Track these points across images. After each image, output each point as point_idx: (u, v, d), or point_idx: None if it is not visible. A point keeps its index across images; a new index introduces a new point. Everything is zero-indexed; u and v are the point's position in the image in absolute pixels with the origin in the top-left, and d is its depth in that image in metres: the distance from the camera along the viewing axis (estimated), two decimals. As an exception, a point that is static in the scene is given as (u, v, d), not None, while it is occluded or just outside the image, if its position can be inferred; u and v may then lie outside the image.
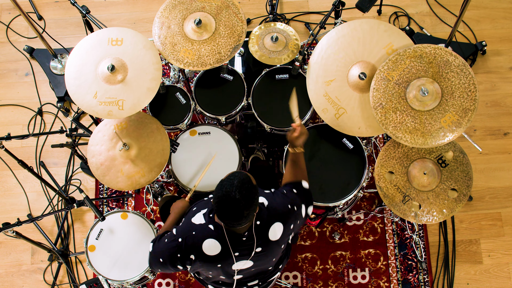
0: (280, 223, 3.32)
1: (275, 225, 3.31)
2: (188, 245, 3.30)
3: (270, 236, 3.30)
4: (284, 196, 3.48)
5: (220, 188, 3.03)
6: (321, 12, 5.77)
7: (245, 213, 2.99)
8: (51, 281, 4.95)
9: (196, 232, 3.30)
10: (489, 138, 5.22)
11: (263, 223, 3.28)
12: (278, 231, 3.32)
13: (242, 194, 2.96)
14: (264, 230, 3.29)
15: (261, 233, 3.28)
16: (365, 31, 4.12)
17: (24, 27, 5.83)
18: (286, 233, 3.36)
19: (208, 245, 3.26)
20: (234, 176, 3.06)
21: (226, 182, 3.03)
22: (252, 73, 4.69)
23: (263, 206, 3.34)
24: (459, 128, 3.68)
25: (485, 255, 4.90)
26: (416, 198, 3.98)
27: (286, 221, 3.34)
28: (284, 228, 3.34)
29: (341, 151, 4.28)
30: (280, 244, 3.40)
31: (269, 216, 3.30)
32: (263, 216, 3.29)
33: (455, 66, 3.75)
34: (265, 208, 3.34)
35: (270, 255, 3.42)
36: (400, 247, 4.93)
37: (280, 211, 3.35)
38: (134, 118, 4.18)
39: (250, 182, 3.04)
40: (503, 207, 5.02)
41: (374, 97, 3.83)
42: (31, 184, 5.25)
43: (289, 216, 3.36)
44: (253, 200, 3.02)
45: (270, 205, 3.36)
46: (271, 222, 3.30)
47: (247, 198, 2.98)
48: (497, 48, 5.52)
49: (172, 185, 5.10)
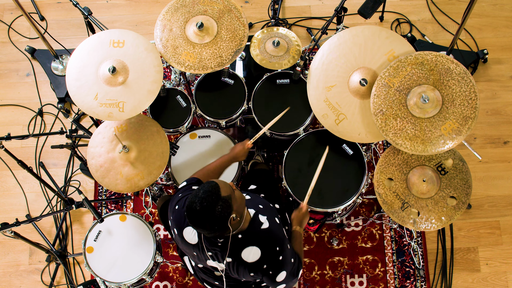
0: (260, 250, 3.22)
1: (254, 248, 3.21)
2: (174, 221, 3.35)
3: (243, 254, 3.21)
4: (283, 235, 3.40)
5: (189, 200, 3.01)
6: (323, 17, 5.77)
7: (208, 226, 2.95)
8: (48, 282, 4.95)
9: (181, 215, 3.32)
10: (489, 146, 5.22)
11: (243, 240, 3.20)
12: (251, 256, 3.21)
13: (202, 206, 2.92)
14: (240, 247, 3.21)
15: (236, 247, 3.20)
16: (366, 37, 4.12)
17: (26, 28, 5.84)
18: (259, 265, 3.23)
19: (188, 232, 3.27)
20: (202, 186, 3.02)
21: (195, 191, 3.02)
22: (253, 78, 4.70)
23: (258, 226, 3.28)
24: (459, 136, 3.68)
25: (483, 264, 4.90)
26: (415, 205, 3.98)
27: (265, 256, 3.23)
28: (260, 259, 3.22)
29: (340, 157, 4.28)
30: (251, 270, 3.26)
31: (255, 237, 3.24)
32: (249, 233, 3.23)
33: (456, 73, 3.75)
34: (260, 229, 3.28)
35: (240, 273, 3.32)
36: (398, 254, 4.92)
37: (269, 243, 3.26)
38: (134, 120, 4.18)
39: (215, 194, 2.97)
40: (502, 216, 5.02)
41: (374, 104, 3.84)
42: (30, 184, 5.26)
43: (270, 255, 3.24)
44: (213, 211, 2.94)
45: (266, 230, 3.29)
46: (252, 243, 3.22)
47: (207, 211, 2.92)
48: (499, 56, 5.52)
49: (171, 188, 5.10)
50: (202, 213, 2.92)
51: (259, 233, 3.26)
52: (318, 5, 5.84)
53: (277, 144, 5.05)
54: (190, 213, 2.96)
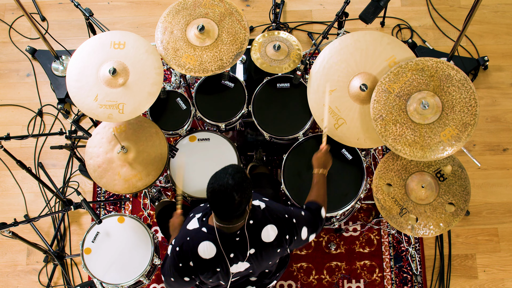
0: (274, 226, 3.30)
1: (269, 226, 3.29)
2: (184, 251, 3.28)
3: (263, 237, 3.28)
4: (283, 206, 3.48)
5: (214, 176, 3.05)
6: (324, 22, 5.77)
7: (237, 199, 2.97)
8: (46, 283, 4.94)
9: (190, 237, 3.29)
10: (488, 153, 5.22)
11: (256, 223, 3.27)
12: (271, 234, 3.30)
13: (235, 180, 2.97)
14: (257, 231, 3.27)
15: (254, 233, 3.26)
16: (368, 43, 4.13)
17: (27, 28, 5.84)
18: (280, 238, 3.32)
19: (203, 249, 3.24)
20: (229, 166, 3.08)
21: (220, 171, 3.06)
22: (253, 81, 4.70)
23: (259, 208, 3.34)
24: (458, 142, 3.68)
25: (480, 270, 4.89)
26: (414, 211, 3.98)
27: (281, 227, 3.32)
28: (279, 232, 3.31)
29: (340, 162, 4.28)
30: (275, 248, 3.35)
31: (263, 217, 3.30)
32: (257, 216, 3.29)
33: (457, 80, 3.75)
34: (261, 210, 3.34)
35: (266, 257, 3.37)
36: (395, 260, 4.92)
37: (276, 216, 3.35)
38: (133, 121, 4.18)
39: (244, 172, 3.05)
40: (500, 223, 5.02)
41: (374, 109, 3.84)
42: (29, 185, 5.25)
43: (284, 224, 3.34)
44: (246, 189, 3.01)
45: (266, 208, 3.36)
46: (265, 223, 3.29)
47: (240, 184, 2.98)
48: (499, 63, 5.52)
49: (169, 190, 5.09)
50: (235, 186, 2.96)
51: (263, 212, 3.33)
52: (319, 9, 5.84)
53: (276, 148, 5.04)
54: (220, 189, 2.98)
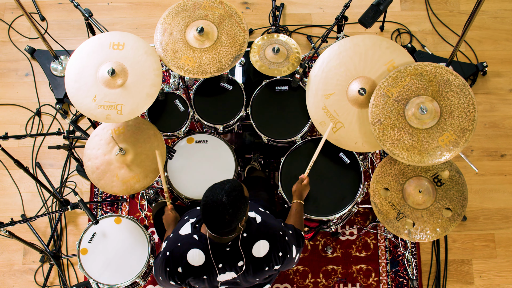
0: (267, 242, 3.29)
1: (261, 242, 3.28)
2: (174, 257, 3.29)
3: (253, 251, 3.27)
4: (279, 223, 3.49)
5: (210, 189, 3.05)
6: (323, 25, 5.78)
7: (227, 219, 2.96)
8: (42, 282, 4.94)
9: (181, 243, 3.30)
10: (485, 159, 5.23)
11: (249, 237, 3.25)
12: (262, 249, 3.29)
13: (229, 199, 2.96)
14: (249, 244, 3.26)
15: (245, 246, 3.25)
16: (367, 47, 4.13)
17: (26, 27, 5.84)
18: (270, 255, 3.31)
19: (193, 255, 3.24)
20: (227, 181, 3.07)
21: (217, 185, 3.05)
22: (252, 84, 4.69)
23: (254, 221, 3.34)
24: (456, 147, 3.69)
25: (476, 276, 4.90)
26: (410, 215, 3.98)
27: (273, 243, 3.31)
28: (270, 249, 3.30)
29: (337, 165, 4.27)
30: (264, 266, 3.33)
31: (257, 232, 3.29)
32: (251, 230, 3.28)
33: (455, 85, 3.75)
34: (256, 223, 3.33)
35: (253, 272, 3.35)
36: (392, 264, 4.92)
37: (270, 231, 3.35)
38: (131, 123, 4.18)
39: (241, 191, 3.04)
40: (497, 229, 5.02)
41: (372, 113, 3.84)
42: (26, 184, 5.25)
43: (278, 241, 3.34)
44: (239, 209, 3.00)
45: (262, 223, 3.36)
46: (258, 238, 3.28)
47: (234, 204, 2.97)
48: (498, 69, 5.53)
49: (167, 192, 5.08)
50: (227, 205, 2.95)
51: (259, 227, 3.33)
52: (319, 13, 5.84)
53: (274, 151, 5.04)
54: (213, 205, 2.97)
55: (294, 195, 3.96)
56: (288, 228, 3.51)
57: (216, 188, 3.02)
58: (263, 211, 3.52)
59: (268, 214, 3.55)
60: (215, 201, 2.96)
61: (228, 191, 2.98)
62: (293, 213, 3.84)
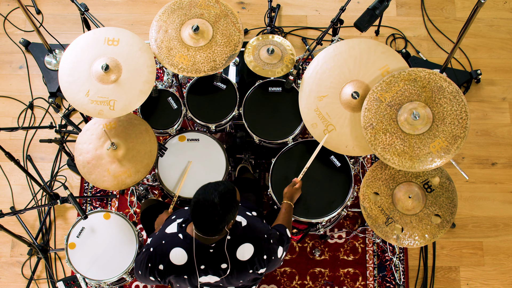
0: (251, 245, 3.29)
1: (245, 245, 3.28)
2: (157, 254, 3.29)
3: (238, 254, 3.27)
4: (265, 226, 3.51)
5: (203, 188, 3.06)
6: (319, 28, 5.78)
7: (216, 219, 2.98)
8: (29, 275, 4.93)
9: (165, 241, 3.30)
10: (476, 167, 5.23)
11: (233, 239, 3.25)
12: (246, 253, 3.29)
13: (221, 200, 2.97)
14: (233, 247, 3.26)
15: (229, 249, 3.25)
16: (362, 51, 4.13)
17: (21, 20, 5.82)
18: (254, 259, 3.31)
19: (175, 254, 3.25)
20: (222, 182, 3.08)
21: (211, 184, 3.06)
22: (246, 84, 4.69)
23: (240, 224, 3.34)
24: (447, 154, 3.69)
25: (463, 283, 4.90)
26: (399, 221, 3.99)
27: (258, 247, 3.32)
28: (255, 252, 3.30)
29: (328, 168, 4.28)
30: (248, 269, 3.33)
31: (242, 235, 3.29)
32: (236, 233, 3.27)
33: (449, 92, 3.76)
34: (241, 227, 3.33)
35: (236, 275, 3.34)
36: (379, 269, 4.93)
37: (255, 235, 3.35)
38: (123, 118, 4.18)
39: (234, 194, 3.05)
40: (485, 237, 5.03)
41: (365, 117, 3.84)
42: (16, 177, 5.24)
43: (263, 244, 3.34)
44: (229, 211, 3.01)
45: (247, 226, 3.36)
46: (243, 241, 3.28)
47: (225, 206, 2.98)
48: (492, 77, 5.54)
49: (157, 189, 5.09)
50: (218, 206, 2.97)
51: (244, 230, 3.32)
52: (314, 15, 5.84)
53: (265, 152, 5.04)
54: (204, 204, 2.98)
55: (285, 197, 3.98)
56: (275, 230, 3.52)
57: (210, 187, 3.03)
58: (249, 215, 3.54)
59: (255, 217, 3.56)
60: (207, 200, 2.97)
61: (221, 193, 2.99)
62: (282, 214, 3.86)
